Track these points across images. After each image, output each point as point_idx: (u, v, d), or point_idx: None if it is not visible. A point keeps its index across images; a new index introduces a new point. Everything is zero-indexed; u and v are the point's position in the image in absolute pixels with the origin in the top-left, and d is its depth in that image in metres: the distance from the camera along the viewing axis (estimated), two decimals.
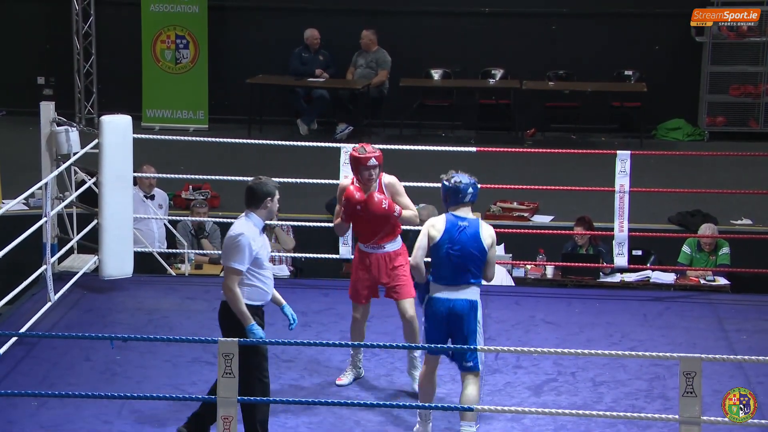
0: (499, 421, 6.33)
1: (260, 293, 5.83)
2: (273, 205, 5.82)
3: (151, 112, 13.47)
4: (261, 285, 5.81)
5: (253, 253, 5.69)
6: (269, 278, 5.87)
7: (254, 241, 5.71)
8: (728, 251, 9.37)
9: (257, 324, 5.76)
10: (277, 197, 5.85)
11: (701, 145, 12.77)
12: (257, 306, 5.83)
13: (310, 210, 10.27)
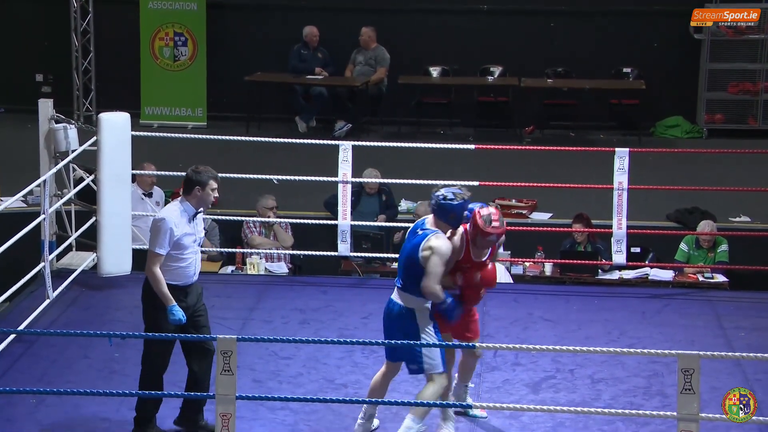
0: (497, 419, 6.33)
1: (183, 275, 6.04)
2: (204, 194, 6.01)
3: (150, 109, 13.46)
4: (184, 267, 6.03)
5: (174, 237, 5.94)
6: (194, 261, 6.08)
7: (177, 227, 5.96)
8: (727, 248, 9.37)
9: (181, 305, 5.99)
10: (211, 187, 6.02)
11: (700, 143, 12.77)
12: (182, 286, 6.03)
13: (309, 208, 10.27)
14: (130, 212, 8.42)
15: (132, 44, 13.42)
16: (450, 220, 5.86)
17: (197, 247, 6.10)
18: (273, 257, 9.41)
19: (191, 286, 6.09)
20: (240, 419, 5.78)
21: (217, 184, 6.05)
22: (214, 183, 6.02)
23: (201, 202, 6.03)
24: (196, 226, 6.07)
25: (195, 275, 6.10)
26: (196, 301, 6.11)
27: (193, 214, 6.03)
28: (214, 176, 6.04)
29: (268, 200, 9.64)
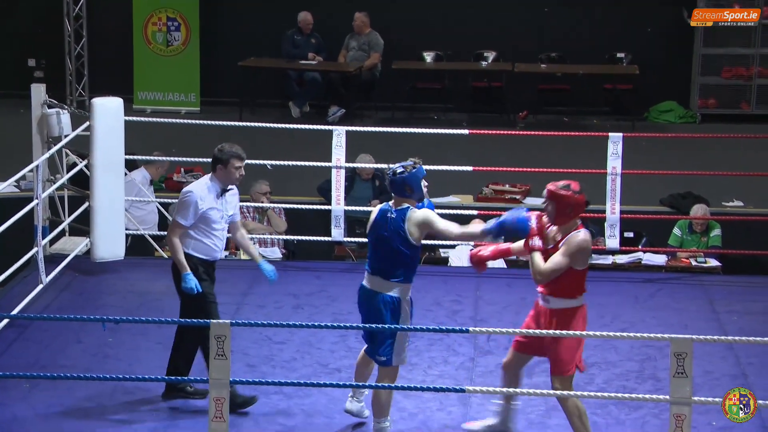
0: (491, 403, 6.34)
1: (207, 248, 6.22)
2: (227, 172, 6.17)
3: (143, 94, 13.43)
4: (208, 241, 6.21)
5: (199, 210, 6.13)
6: (219, 237, 6.25)
7: (202, 200, 6.15)
8: (720, 233, 9.39)
9: (203, 276, 6.19)
10: (234, 165, 6.16)
11: (693, 128, 12.78)
12: (203, 259, 6.21)
13: (302, 193, 10.26)
14: (123, 197, 8.41)
15: (125, 29, 13.38)
16: (407, 193, 5.74)
17: (225, 224, 6.25)
18: (266, 242, 9.41)
19: (217, 261, 6.27)
20: None
21: (240, 162, 6.16)
22: (236, 162, 6.15)
23: (226, 179, 6.18)
24: (224, 203, 6.22)
25: (221, 251, 6.28)
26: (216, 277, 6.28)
27: (221, 191, 6.18)
28: (237, 155, 6.17)
29: (262, 185, 9.64)
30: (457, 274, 8.53)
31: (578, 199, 5.68)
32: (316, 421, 6.18)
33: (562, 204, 5.65)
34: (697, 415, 6.02)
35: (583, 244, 5.65)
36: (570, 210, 5.66)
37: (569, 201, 5.65)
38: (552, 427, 6.14)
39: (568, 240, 5.66)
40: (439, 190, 10.33)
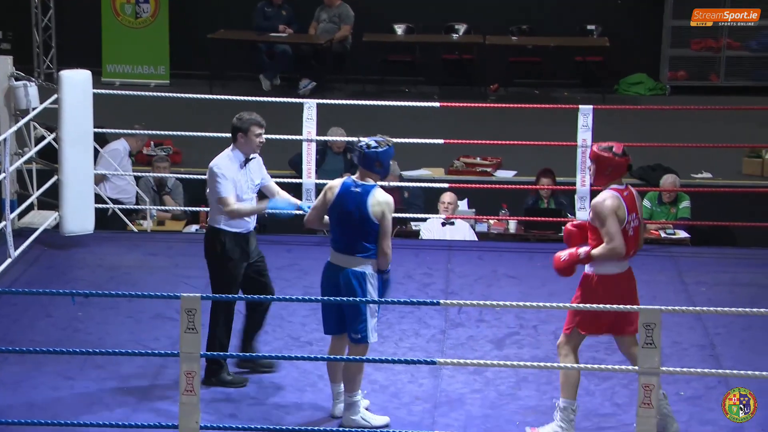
0: (461, 374, 6.38)
1: (242, 221, 6.19)
2: (248, 140, 6.14)
3: (112, 67, 13.31)
4: None
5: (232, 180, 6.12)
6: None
7: (227, 173, 6.11)
8: (689, 205, 9.45)
9: (244, 252, 6.18)
10: (254, 133, 6.12)
11: (663, 100, 12.83)
12: (236, 233, 6.18)
13: (273, 166, 10.12)
14: (92, 171, 8.36)
15: (93, 1, 13.24)
16: (376, 168, 5.72)
17: (252, 193, 6.22)
18: None
19: (251, 232, 6.24)
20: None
21: (260, 129, 6.15)
22: (256, 128, 6.14)
23: (247, 147, 6.15)
24: (249, 172, 6.18)
25: (253, 221, 6.25)
26: (254, 248, 6.29)
27: (244, 161, 6.14)
28: (256, 122, 6.16)
29: None
30: (428, 247, 8.54)
31: (618, 161, 5.73)
32: (288, 394, 6.19)
33: (603, 165, 5.72)
34: (666, 385, 6.08)
35: (604, 204, 5.63)
36: (609, 171, 5.72)
37: (610, 162, 5.71)
38: (522, 398, 6.18)
39: (593, 206, 5.69)
40: (410, 163, 10.33)
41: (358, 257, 5.74)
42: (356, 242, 5.72)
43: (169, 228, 9.39)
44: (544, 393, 6.21)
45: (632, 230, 5.72)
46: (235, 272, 6.21)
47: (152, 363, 6.40)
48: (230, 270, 6.21)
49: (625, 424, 5.79)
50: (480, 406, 6.08)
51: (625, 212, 5.69)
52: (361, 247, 5.73)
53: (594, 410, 6.03)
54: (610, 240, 5.62)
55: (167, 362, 6.37)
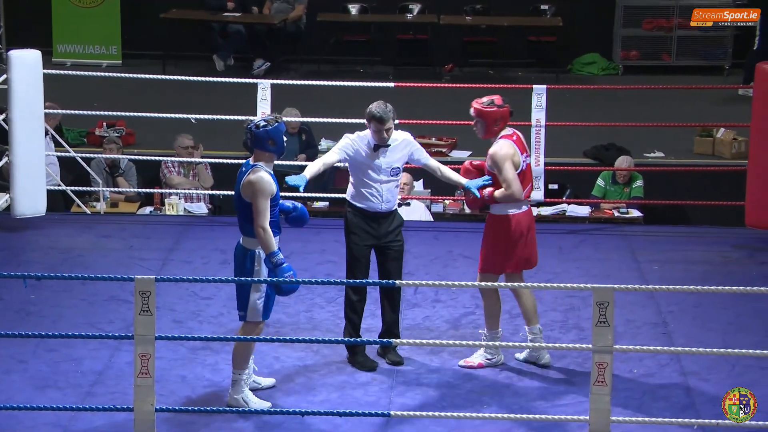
0: (418, 354, 6.40)
1: (368, 200, 6.19)
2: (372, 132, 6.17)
3: (62, 47, 13.15)
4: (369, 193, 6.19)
5: (350, 153, 6.21)
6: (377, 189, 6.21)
7: (351, 147, 6.21)
8: (642, 184, 9.53)
9: (371, 231, 6.19)
10: (374, 128, 6.15)
11: (616, 79, 12.92)
12: (369, 212, 6.18)
13: (228, 147, 10.18)
14: (44, 152, 8.27)
15: None
16: (270, 146, 5.67)
17: (387, 177, 6.16)
18: (192, 198, 9.33)
19: (383, 214, 6.16)
20: (160, 359, 5.77)
21: (380, 125, 6.12)
22: (375, 125, 6.13)
23: (377, 138, 6.15)
24: (380, 158, 6.14)
25: (385, 204, 6.16)
26: (388, 231, 6.19)
27: (375, 146, 6.16)
28: (377, 117, 6.14)
29: (184, 139, 9.52)
30: None
31: (503, 112, 6.15)
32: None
33: (490, 119, 6.12)
34: (619, 363, 6.15)
35: (504, 146, 6.10)
36: (498, 123, 6.14)
37: (496, 115, 6.11)
38: (479, 378, 6.22)
39: (491, 155, 6.13)
40: None
41: (246, 237, 5.77)
42: (241, 221, 5.77)
43: (123, 210, 9.31)
44: (500, 372, 6.25)
45: (526, 167, 6.20)
46: (354, 247, 6.17)
47: (107, 345, 6.36)
48: (351, 243, 6.20)
49: (579, 402, 5.85)
50: (436, 385, 6.11)
51: (520, 157, 6.15)
52: (244, 226, 5.76)
53: (549, 388, 6.08)
54: (509, 186, 6.09)
55: (122, 345, 6.33)
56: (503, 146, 6.10)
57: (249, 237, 5.75)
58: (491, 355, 6.25)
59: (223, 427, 5.65)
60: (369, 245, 6.20)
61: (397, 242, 6.26)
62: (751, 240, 8.19)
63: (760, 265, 7.81)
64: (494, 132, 6.14)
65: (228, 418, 5.67)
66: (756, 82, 8.11)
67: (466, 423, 5.69)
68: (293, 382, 6.12)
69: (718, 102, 11.81)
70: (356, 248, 6.20)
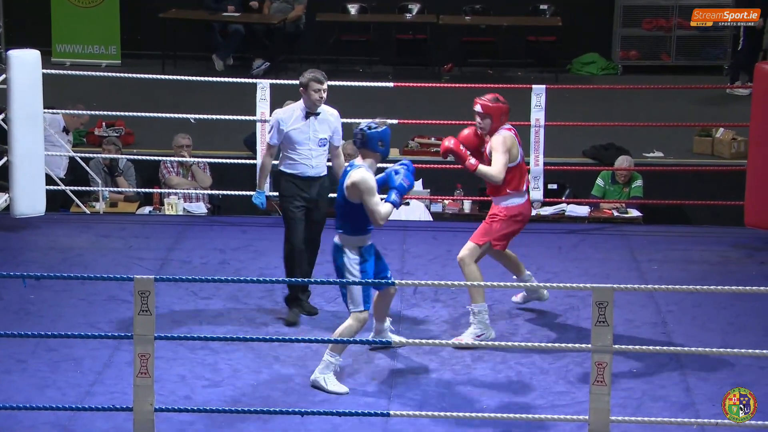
0: (417, 355, 6.41)
1: (299, 167, 6.67)
2: (307, 95, 6.61)
3: (62, 47, 13.14)
4: (299, 159, 6.67)
5: (283, 131, 6.63)
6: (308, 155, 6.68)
7: (285, 122, 6.63)
8: (641, 184, 9.53)
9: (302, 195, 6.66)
10: (313, 89, 6.58)
11: (615, 79, 12.92)
12: (301, 177, 6.67)
13: (228, 147, 10.18)
14: (43, 152, 8.27)
15: None
16: (379, 147, 6.06)
17: (313, 145, 6.64)
18: (191, 197, 9.33)
19: (312, 179, 6.66)
20: (159, 359, 5.77)
21: (319, 84, 6.57)
22: (315, 84, 6.57)
23: (308, 102, 6.62)
24: (312, 126, 6.62)
25: (313, 168, 6.66)
26: (316, 196, 6.70)
27: (306, 113, 6.61)
28: (316, 78, 6.60)
29: (180, 138, 9.52)
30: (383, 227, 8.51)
31: (506, 106, 6.55)
32: (244, 376, 6.18)
33: (497, 114, 6.46)
34: (618, 363, 6.16)
35: (509, 137, 6.46)
36: (502, 117, 6.50)
37: (501, 110, 6.50)
38: (478, 377, 6.22)
39: (494, 140, 6.44)
40: None
41: (341, 234, 6.09)
42: (339, 220, 6.10)
43: (122, 210, 9.31)
44: (499, 372, 6.26)
45: (521, 160, 6.55)
46: (288, 208, 6.66)
47: (106, 345, 6.37)
48: (285, 204, 6.69)
49: (578, 402, 5.85)
50: (435, 385, 6.11)
51: (519, 148, 6.52)
52: (343, 225, 6.09)
53: (548, 388, 6.09)
54: (494, 171, 6.42)
55: (121, 344, 6.33)
56: (506, 136, 6.47)
57: (345, 234, 6.07)
58: (481, 330, 6.40)
59: (222, 426, 5.65)
60: (302, 206, 6.69)
61: (323, 207, 6.77)
62: (750, 240, 8.19)
63: (760, 264, 7.81)
64: (498, 126, 6.49)
65: (228, 418, 5.67)
66: (755, 82, 8.12)
67: (465, 423, 5.69)
68: (292, 381, 6.12)
69: (717, 102, 11.82)
70: (291, 212, 6.67)
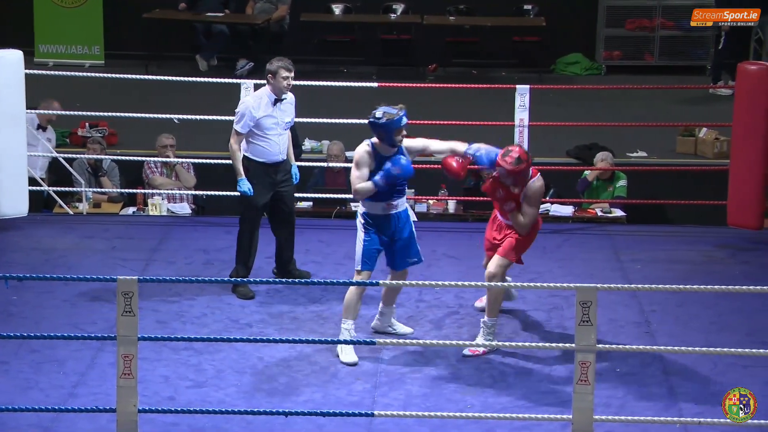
0: (401, 354, 6.41)
1: (268, 153, 6.96)
2: (276, 81, 6.88)
3: (44, 47, 13.10)
4: (268, 145, 6.95)
5: (253, 118, 6.86)
6: (276, 141, 6.97)
7: (255, 110, 6.87)
8: (625, 183, 9.56)
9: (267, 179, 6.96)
10: (282, 75, 6.85)
11: (598, 79, 12.95)
12: (268, 163, 6.97)
13: (212, 147, 10.16)
14: (25, 153, 8.23)
15: None
16: (380, 137, 6.33)
17: (281, 129, 6.96)
18: (175, 198, 9.31)
19: (279, 164, 6.99)
20: (143, 360, 5.76)
21: (288, 72, 6.86)
22: (284, 72, 6.86)
23: (275, 88, 6.88)
24: (279, 111, 6.93)
25: (280, 154, 6.99)
26: (283, 179, 7.03)
27: (274, 100, 6.89)
28: (285, 66, 6.87)
29: (164, 138, 9.49)
30: None
31: (529, 163, 6.43)
32: (228, 376, 6.17)
33: (521, 175, 6.39)
34: (602, 362, 6.17)
35: (540, 189, 6.50)
36: (527, 174, 6.44)
37: (526, 170, 6.40)
38: (463, 377, 6.23)
39: (527, 190, 6.44)
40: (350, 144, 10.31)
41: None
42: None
43: (106, 210, 9.28)
44: (483, 371, 6.26)
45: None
46: (253, 193, 6.93)
47: (89, 346, 6.35)
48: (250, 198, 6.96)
49: (562, 401, 5.86)
50: (420, 385, 6.11)
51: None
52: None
53: (532, 388, 6.09)
54: (525, 223, 6.48)
55: (105, 345, 6.31)
56: (541, 184, 6.50)
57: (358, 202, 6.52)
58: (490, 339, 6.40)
59: (206, 427, 5.64)
60: (268, 193, 6.98)
61: (289, 185, 7.09)
62: (733, 239, 8.23)
63: (742, 264, 7.84)
64: (525, 182, 6.43)
65: (211, 419, 5.66)
66: (737, 82, 8.15)
67: (449, 423, 5.70)
68: (276, 382, 6.11)
69: (700, 102, 11.86)
70: (256, 199, 6.94)
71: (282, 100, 6.93)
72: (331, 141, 9.85)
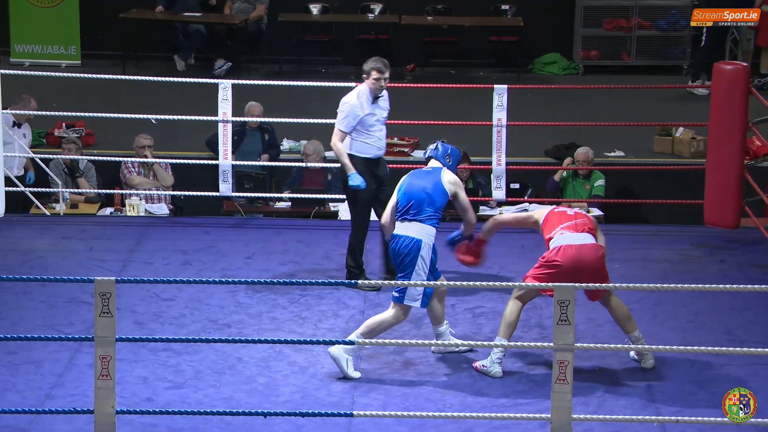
0: (381, 355, 6.41)
1: (372, 148, 7.14)
2: (369, 81, 7.09)
3: (20, 47, 13.02)
4: (372, 141, 7.13)
5: (357, 117, 7.06)
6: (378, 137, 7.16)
7: (360, 108, 7.07)
8: (603, 183, 9.60)
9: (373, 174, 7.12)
10: (374, 77, 7.06)
11: (576, 79, 12.99)
12: (372, 158, 7.15)
13: (189, 147, 10.13)
14: (2, 153, 8.18)
15: None
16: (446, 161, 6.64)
17: (381, 125, 7.16)
18: (153, 198, 9.27)
19: (380, 159, 7.18)
20: (121, 361, 5.74)
21: (379, 74, 7.04)
22: (375, 73, 7.05)
23: (372, 88, 7.09)
24: (378, 108, 7.13)
25: (381, 149, 7.18)
26: (383, 173, 7.20)
27: (374, 98, 7.10)
28: (377, 67, 7.06)
29: (141, 139, 9.46)
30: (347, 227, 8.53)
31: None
32: (206, 377, 6.16)
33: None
34: (580, 361, 6.19)
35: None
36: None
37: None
38: (441, 377, 6.24)
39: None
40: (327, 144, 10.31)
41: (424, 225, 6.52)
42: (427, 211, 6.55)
43: (83, 211, 9.24)
44: (462, 371, 6.27)
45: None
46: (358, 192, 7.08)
47: (67, 347, 6.32)
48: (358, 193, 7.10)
49: (541, 400, 5.87)
50: (399, 385, 6.12)
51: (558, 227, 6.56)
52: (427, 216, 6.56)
53: (511, 387, 6.11)
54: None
55: (82, 347, 6.29)
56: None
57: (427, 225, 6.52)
58: (490, 363, 6.23)
59: (184, 428, 5.62)
60: (372, 188, 7.12)
61: (389, 179, 7.18)
62: (709, 238, 8.27)
63: (719, 263, 7.89)
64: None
65: (190, 420, 5.65)
66: (713, 82, 8.20)
67: (428, 422, 5.70)
68: (256, 382, 6.10)
69: (677, 101, 11.92)
70: (365, 193, 7.09)
71: (380, 97, 7.15)
72: (304, 141, 9.84)
